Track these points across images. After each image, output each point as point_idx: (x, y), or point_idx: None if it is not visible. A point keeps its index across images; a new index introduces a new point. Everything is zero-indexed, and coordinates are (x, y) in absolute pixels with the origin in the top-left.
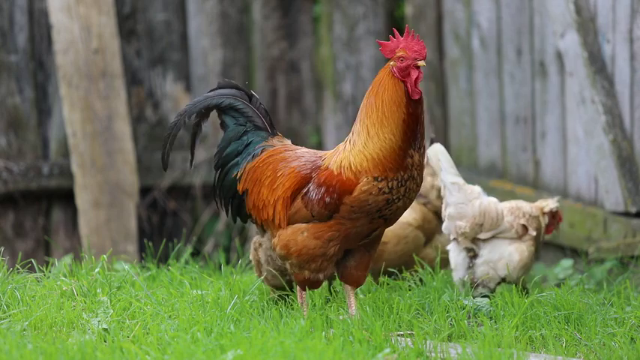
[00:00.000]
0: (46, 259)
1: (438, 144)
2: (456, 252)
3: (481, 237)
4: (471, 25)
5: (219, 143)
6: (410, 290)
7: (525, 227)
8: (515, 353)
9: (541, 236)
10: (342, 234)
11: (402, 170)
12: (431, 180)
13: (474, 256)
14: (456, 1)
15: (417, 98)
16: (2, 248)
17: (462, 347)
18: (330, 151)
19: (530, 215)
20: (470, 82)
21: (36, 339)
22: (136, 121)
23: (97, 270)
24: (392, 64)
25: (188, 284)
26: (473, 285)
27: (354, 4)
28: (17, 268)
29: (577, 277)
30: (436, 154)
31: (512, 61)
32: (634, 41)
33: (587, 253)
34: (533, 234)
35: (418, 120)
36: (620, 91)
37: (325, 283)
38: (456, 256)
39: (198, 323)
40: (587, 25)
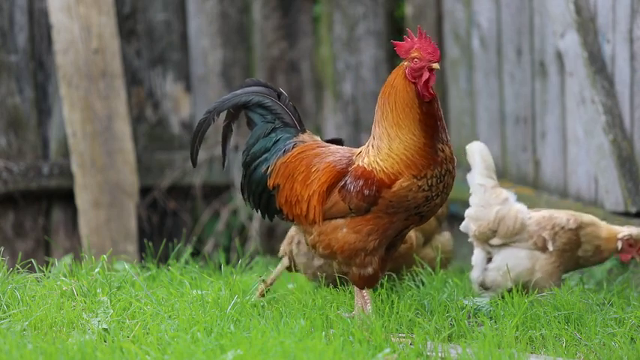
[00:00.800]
0: (46, 259)
1: (478, 142)
2: (476, 251)
3: (493, 243)
4: (471, 25)
5: (248, 140)
6: (410, 290)
7: (545, 240)
8: (516, 353)
9: (577, 251)
10: (381, 228)
11: (438, 166)
12: None
13: (490, 260)
14: (456, 1)
15: (427, 100)
16: (2, 248)
17: (462, 347)
18: (358, 150)
19: (561, 228)
20: (470, 82)
21: (36, 339)
22: (136, 121)
23: (97, 270)
24: (406, 64)
25: (188, 284)
26: (483, 287)
27: (354, 4)
28: (17, 268)
29: (577, 277)
30: (473, 152)
31: (512, 61)
32: (634, 41)
33: None
34: (551, 248)
35: (435, 116)
36: (620, 91)
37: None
38: (476, 255)
39: (198, 323)
40: (587, 25)
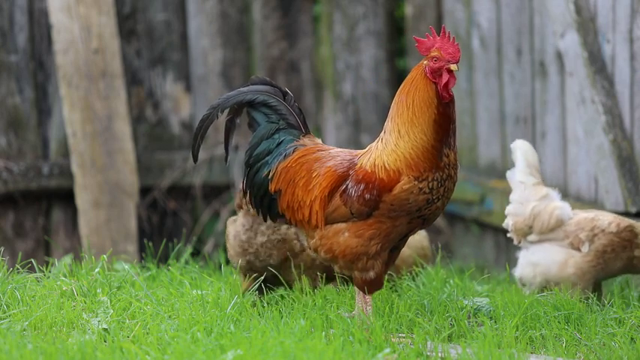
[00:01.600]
0: (46, 259)
1: (523, 141)
2: (522, 248)
3: (530, 239)
4: (471, 25)
5: (251, 140)
6: (410, 290)
7: (581, 240)
8: (516, 353)
9: (625, 255)
10: (383, 233)
11: (439, 170)
12: None
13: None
14: (456, 1)
15: (446, 102)
16: (2, 248)
17: (462, 347)
18: (364, 150)
19: (601, 230)
20: (470, 82)
21: (36, 339)
22: (136, 121)
23: (97, 270)
24: (425, 63)
25: (188, 284)
26: (520, 283)
27: (354, 4)
28: (17, 268)
29: None
30: (516, 150)
31: (512, 61)
32: (634, 41)
33: None
34: (585, 250)
35: (450, 119)
36: (620, 91)
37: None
38: (520, 251)
39: (198, 323)
40: (587, 25)
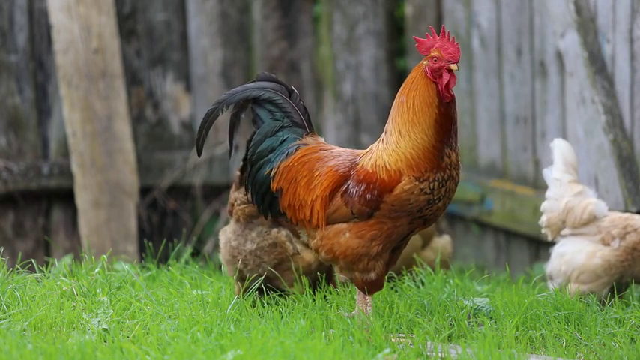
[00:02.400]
0: (46, 259)
1: (561, 140)
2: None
3: (563, 233)
4: (471, 25)
5: (254, 137)
6: (410, 290)
7: (613, 237)
8: (516, 353)
9: None
10: (384, 234)
11: (441, 171)
12: None
13: None
14: (456, 1)
15: (447, 102)
16: (2, 248)
17: (462, 347)
18: (365, 150)
19: (634, 230)
20: (470, 82)
21: (36, 339)
22: (136, 121)
23: (97, 270)
24: (425, 63)
25: (188, 284)
26: (550, 277)
27: (354, 4)
28: (17, 268)
29: None
30: (553, 149)
31: (512, 61)
32: (634, 41)
33: None
34: (615, 246)
35: (451, 119)
36: (620, 91)
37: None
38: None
39: (198, 323)
40: (587, 25)
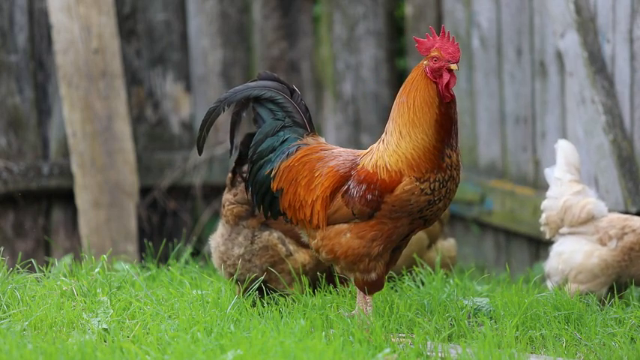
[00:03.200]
0: (46, 259)
1: (564, 140)
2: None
3: (562, 231)
4: (471, 25)
5: (255, 136)
6: (410, 290)
7: (610, 237)
8: (516, 353)
9: None
10: (385, 234)
11: (441, 171)
12: None
13: None
14: (456, 1)
15: (447, 102)
16: (2, 248)
17: (462, 347)
18: (366, 150)
19: (632, 230)
20: (470, 82)
21: (36, 339)
22: (136, 121)
23: (97, 270)
24: (425, 63)
25: (188, 284)
26: (548, 277)
27: (354, 4)
28: (17, 268)
29: None
30: (557, 149)
31: (512, 61)
32: (634, 41)
33: None
34: (612, 246)
35: (451, 119)
36: (620, 91)
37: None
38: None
39: (198, 323)
40: (587, 25)
